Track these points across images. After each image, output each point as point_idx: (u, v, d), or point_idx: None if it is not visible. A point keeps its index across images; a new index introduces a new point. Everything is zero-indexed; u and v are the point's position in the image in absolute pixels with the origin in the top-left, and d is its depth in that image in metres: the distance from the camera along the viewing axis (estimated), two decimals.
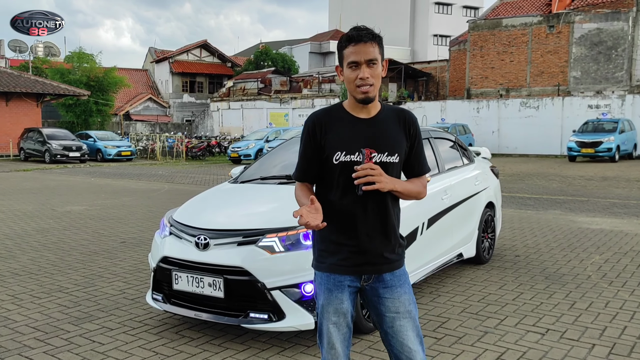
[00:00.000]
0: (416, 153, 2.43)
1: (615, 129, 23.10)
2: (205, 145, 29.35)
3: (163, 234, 4.39)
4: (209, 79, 51.96)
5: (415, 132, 2.41)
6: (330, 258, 2.38)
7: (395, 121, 2.38)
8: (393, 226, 2.40)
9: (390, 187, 2.26)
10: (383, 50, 2.34)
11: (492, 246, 6.58)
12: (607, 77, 30.25)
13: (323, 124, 2.38)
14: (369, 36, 2.28)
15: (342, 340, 2.42)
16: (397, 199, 2.42)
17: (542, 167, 21.25)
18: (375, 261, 2.37)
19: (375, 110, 2.38)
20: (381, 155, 2.31)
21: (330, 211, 2.34)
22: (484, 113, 30.28)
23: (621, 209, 10.65)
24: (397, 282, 2.40)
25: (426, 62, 44.40)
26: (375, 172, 2.21)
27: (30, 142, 26.62)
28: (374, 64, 2.28)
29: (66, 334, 4.26)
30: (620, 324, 4.44)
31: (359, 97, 2.30)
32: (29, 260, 6.60)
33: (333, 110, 2.41)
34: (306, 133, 2.41)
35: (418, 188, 2.43)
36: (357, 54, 2.27)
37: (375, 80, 2.29)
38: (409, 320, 2.39)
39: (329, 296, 2.39)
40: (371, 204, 2.33)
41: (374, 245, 2.36)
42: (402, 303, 2.39)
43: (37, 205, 11.41)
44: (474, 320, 4.54)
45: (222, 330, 4.31)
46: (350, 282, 2.39)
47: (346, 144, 2.31)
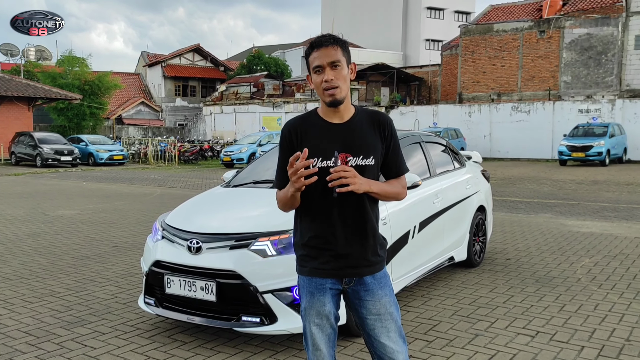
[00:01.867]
0: (393, 154, 2.44)
1: (606, 133, 23.30)
2: (198, 149, 29.32)
3: (155, 238, 4.40)
4: (201, 83, 51.91)
5: (391, 134, 2.42)
6: (312, 262, 2.42)
7: (370, 124, 2.40)
8: (372, 228, 2.41)
9: (365, 188, 2.27)
10: (348, 55, 2.38)
11: (483, 249, 6.63)
12: (597, 81, 30.50)
13: (298, 132, 2.41)
14: (331, 40, 2.34)
15: (326, 341, 2.45)
16: (375, 200, 2.43)
17: (533, 171, 21.38)
18: (355, 264, 2.39)
19: (348, 114, 2.41)
20: (356, 159, 2.34)
21: (310, 217, 2.40)
22: (476, 117, 30.45)
23: (611, 213, 10.74)
24: (378, 285, 2.42)
25: (418, 67, 44.58)
26: (349, 173, 2.22)
27: (22, 146, 26.48)
28: (337, 65, 2.31)
29: (58, 339, 4.25)
30: (609, 326, 4.48)
31: (327, 100, 2.33)
32: (20, 265, 6.58)
33: (308, 118, 2.45)
34: (283, 142, 2.44)
35: (396, 189, 2.44)
36: (320, 57, 2.32)
37: (340, 82, 2.31)
38: (390, 322, 2.41)
39: (311, 299, 2.43)
40: (349, 207, 2.36)
41: (354, 248, 2.38)
42: (383, 305, 2.41)
43: (28, 209, 11.36)
44: (464, 323, 4.57)
45: (214, 334, 4.32)
46: (331, 285, 2.42)
47: (321, 150, 2.34)
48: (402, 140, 5.39)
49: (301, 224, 2.46)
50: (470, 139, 29.38)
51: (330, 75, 2.30)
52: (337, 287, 2.43)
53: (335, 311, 2.46)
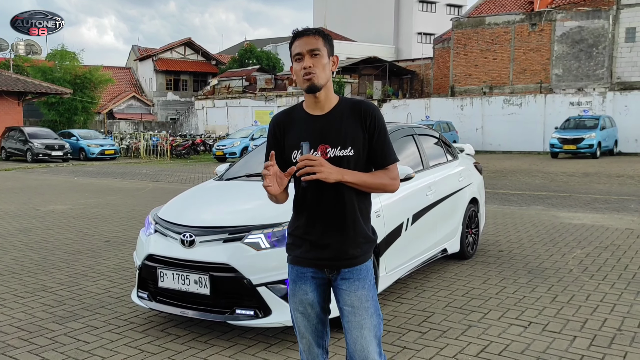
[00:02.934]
0: (377, 144, 2.38)
1: (597, 126, 23.42)
2: (190, 143, 29.21)
3: (148, 232, 4.38)
4: (193, 77, 51.63)
5: (374, 124, 2.37)
6: (296, 250, 2.45)
7: (351, 114, 2.38)
8: (353, 220, 2.37)
9: (335, 177, 2.23)
10: (330, 47, 2.39)
11: (475, 241, 6.65)
12: (588, 74, 30.63)
13: (282, 125, 2.45)
14: (313, 30, 2.37)
15: (312, 330, 2.47)
16: (361, 192, 2.38)
17: (525, 164, 21.47)
18: (334, 256, 2.38)
19: (330, 105, 2.40)
20: (334, 150, 2.33)
21: (296, 207, 2.45)
22: (468, 110, 30.51)
23: (602, 204, 10.81)
24: (356, 276, 2.39)
25: (410, 60, 44.59)
26: (315, 162, 2.19)
27: (12, 141, 26.29)
28: (317, 54, 2.32)
29: (50, 333, 4.24)
30: (601, 316, 4.52)
31: (305, 85, 2.33)
32: (11, 260, 6.54)
33: (292, 111, 2.47)
34: (268, 136, 2.50)
35: (381, 180, 2.36)
36: (300, 45, 2.34)
37: (318, 70, 2.32)
38: (365, 318, 2.36)
39: (294, 287, 2.46)
40: (326, 197, 2.34)
41: (332, 239, 2.37)
42: (358, 298, 2.37)
43: (19, 204, 11.28)
44: (458, 314, 4.59)
45: (208, 327, 4.32)
46: (313, 274, 2.42)
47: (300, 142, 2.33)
48: (395, 132, 5.40)
49: (293, 213, 2.50)
50: (462, 132, 29.43)
51: (309, 62, 2.31)
52: (321, 277, 2.42)
53: (322, 301, 2.45)
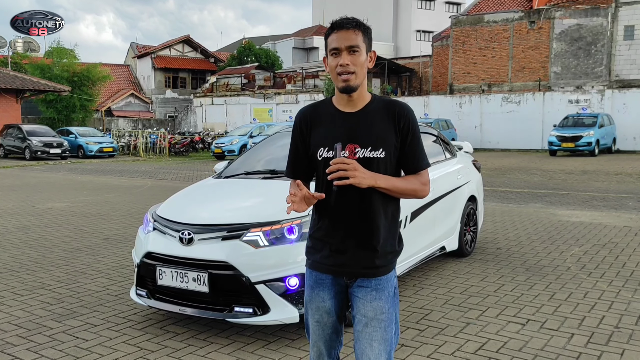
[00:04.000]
0: (410, 148, 2.26)
1: (595, 124, 23.43)
2: (189, 141, 29.20)
3: (147, 230, 4.38)
4: (192, 74, 51.59)
5: (408, 126, 2.25)
6: (315, 255, 2.33)
7: (384, 114, 2.25)
8: (379, 228, 2.23)
9: (369, 182, 2.12)
10: (370, 41, 2.25)
11: (474, 239, 6.66)
12: (586, 72, 30.64)
13: (309, 120, 2.33)
14: (353, 23, 2.20)
15: (325, 340, 2.36)
16: (391, 198, 2.25)
17: (523, 162, 21.49)
18: (353, 263, 2.26)
19: (362, 103, 2.27)
20: (364, 150, 2.20)
21: (319, 208, 2.31)
22: (467, 108, 30.51)
23: (600, 202, 10.82)
24: (374, 286, 2.26)
25: (409, 58, 44.57)
26: (349, 166, 2.08)
27: (10, 138, 26.26)
28: (356, 51, 2.18)
29: (49, 331, 4.24)
30: (599, 313, 4.53)
31: (340, 85, 2.21)
32: (10, 258, 6.54)
33: (321, 106, 2.35)
34: (294, 130, 2.37)
35: (413, 185, 2.25)
36: (338, 40, 2.19)
37: (357, 69, 2.18)
38: (376, 330, 2.24)
39: (311, 293, 2.35)
40: (353, 201, 2.21)
41: (354, 246, 2.24)
42: (373, 309, 2.24)
43: (17, 202, 11.27)
44: (456, 312, 4.60)
45: (207, 325, 4.32)
46: (332, 281, 2.31)
47: (328, 140, 2.23)
48: None
49: (313, 214, 2.37)
50: (461, 130, 29.43)
51: (347, 60, 2.17)
52: (340, 283, 2.30)
53: (339, 310, 2.33)
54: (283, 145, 5.58)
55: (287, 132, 5.93)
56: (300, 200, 2.13)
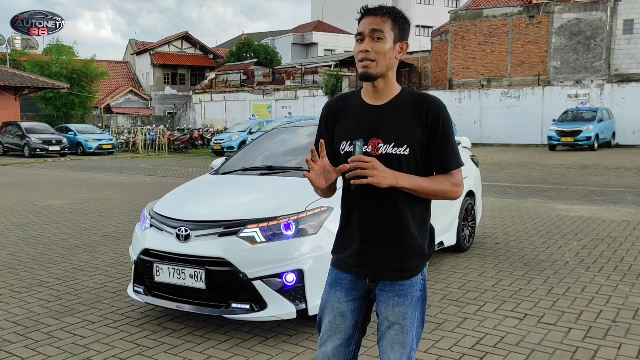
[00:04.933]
0: (440, 146, 2.11)
1: (594, 118, 23.43)
2: (188, 137, 29.18)
3: (144, 226, 4.37)
4: (190, 70, 51.51)
5: (438, 123, 2.10)
6: (340, 253, 2.24)
7: (411, 108, 2.11)
8: (403, 230, 2.11)
9: (390, 182, 1.99)
10: (401, 31, 2.11)
11: (472, 234, 6.66)
12: (586, 66, 30.59)
13: (335, 111, 2.23)
14: (383, 10, 2.08)
15: (335, 344, 2.22)
16: (418, 198, 2.12)
17: (522, 156, 21.48)
18: (376, 265, 2.15)
19: (389, 95, 2.14)
20: (387, 146, 2.08)
21: (344, 204, 2.22)
22: (466, 103, 30.48)
23: (599, 197, 10.82)
24: (397, 291, 2.16)
25: (408, 53, 44.36)
26: (368, 164, 1.96)
27: (9, 136, 26.25)
28: (380, 38, 2.05)
29: (47, 328, 4.24)
30: (596, 308, 4.53)
31: (360, 71, 2.08)
32: (8, 255, 6.54)
33: (349, 97, 2.24)
34: (320, 121, 2.28)
35: (442, 186, 2.11)
36: (363, 25, 2.08)
37: (378, 57, 2.05)
38: (398, 334, 2.16)
39: (328, 291, 2.25)
40: (375, 201, 2.10)
41: (377, 247, 2.14)
42: (395, 314, 2.16)
43: (16, 199, 11.27)
44: (454, 307, 4.60)
45: (204, 321, 4.32)
46: (352, 283, 2.20)
47: (351, 133, 2.13)
48: None
49: (341, 210, 2.26)
50: (460, 125, 29.38)
51: (368, 46, 2.05)
52: (361, 287, 2.20)
53: (356, 316, 2.22)
54: (280, 141, 5.58)
55: (285, 128, 5.93)
56: (320, 170, 2.04)
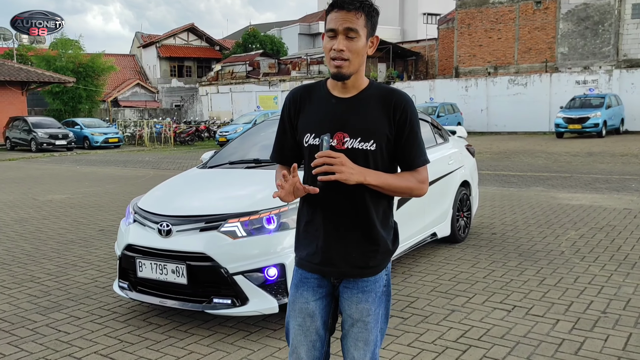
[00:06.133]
0: (407, 143, 2.06)
1: (602, 105, 23.12)
2: (194, 130, 29.20)
3: (128, 222, 4.36)
4: (197, 63, 51.48)
5: (406, 119, 2.05)
6: (302, 251, 2.18)
7: (379, 103, 2.06)
8: (368, 227, 2.08)
9: (357, 179, 1.94)
10: (373, 25, 2.04)
11: (467, 225, 6.59)
12: (594, 52, 30.18)
13: (299, 101, 2.15)
14: (356, 4, 1.97)
15: (308, 347, 2.16)
16: (384, 195, 2.08)
17: (529, 144, 21.28)
18: (340, 263, 2.10)
19: (357, 88, 2.08)
20: (353, 141, 2.03)
21: (308, 201, 2.13)
22: (473, 91, 30.23)
23: (603, 184, 10.69)
24: (361, 287, 2.13)
25: (415, 42, 44.12)
26: (336, 160, 1.90)
27: (16, 131, 26.38)
28: (353, 36, 1.98)
29: (32, 324, 4.24)
30: (587, 298, 4.46)
31: (332, 71, 2.02)
32: (3, 251, 6.56)
33: (313, 88, 2.16)
34: (282, 111, 2.21)
35: (408, 183, 2.07)
36: (336, 20, 1.98)
37: (352, 56, 1.99)
38: (362, 331, 2.14)
39: (295, 293, 2.18)
40: (340, 197, 2.04)
41: (341, 245, 2.09)
42: (359, 311, 2.13)
43: (18, 194, 11.33)
44: (442, 299, 4.55)
45: (190, 316, 4.30)
46: (319, 282, 2.15)
47: (315, 125, 2.07)
48: None
49: (300, 206, 2.19)
50: (467, 114, 29.19)
51: (342, 45, 1.97)
52: (327, 285, 2.16)
53: (324, 315, 2.16)
54: (269, 133, 5.52)
55: (274, 120, 5.87)
56: (290, 188, 1.98)
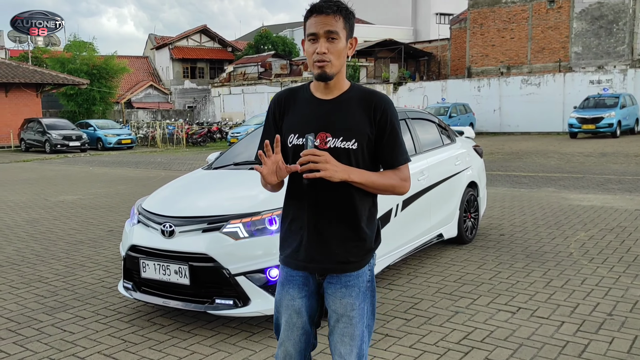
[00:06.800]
0: (388, 142, 2.16)
1: (617, 104, 22.85)
2: (206, 131, 29.33)
3: (132, 223, 4.39)
4: (209, 64, 51.73)
5: (386, 120, 2.14)
6: (287, 249, 2.24)
7: (360, 104, 2.15)
8: (352, 223, 2.15)
9: (341, 176, 2.02)
10: (351, 27, 2.14)
11: (475, 226, 6.55)
12: (608, 51, 29.86)
13: (283, 104, 2.24)
14: (334, 8, 2.07)
15: (294, 341, 2.24)
16: (367, 193, 2.15)
17: (542, 145, 21.10)
18: (324, 259, 2.16)
19: (339, 90, 2.18)
20: (335, 140, 2.11)
21: (291, 199, 2.22)
22: (485, 92, 30.03)
23: (615, 185, 10.57)
24: (344, 282, 2.18)
25: (427, 42, 43.97)
26: (321, 158, 1.98)
27: (31, 132, 26.68)
28: (334, 38, 2.07)
29: (38, 324, 4.28)
30: (594, 300, 4.41)
31: (315, 72, 2.11)
32: (14, 251, 6.64)
33: (298, 90, 2.26)
34: (267, 114, 2.30)
35: (391, 181, 2.15)
36: (316, 25, 2.08)
37: (334, 57, 2.08)
38: (347, 326, 2.18)
39: (281, 290, 2.25)
40: (325, 194, 2.11)
41: (325, 242, 2.15)
42: (343, 306, 2.17)
43: (31, 195, 11.45)
44: (446, 301, 4.53)
45: (193, 317, 4.32)
46: (304, 279, 2.21)
47: (299, 126, 2.15)
48: None
49: (285, 205, 2.26)
50: (479, 114, 29.01)
51: (324, 48, 2.06)
52: (313, 282, 2.21)
53: (310, 311, 2.23)
54: None
55: None
56: (272, 166, 2.02)
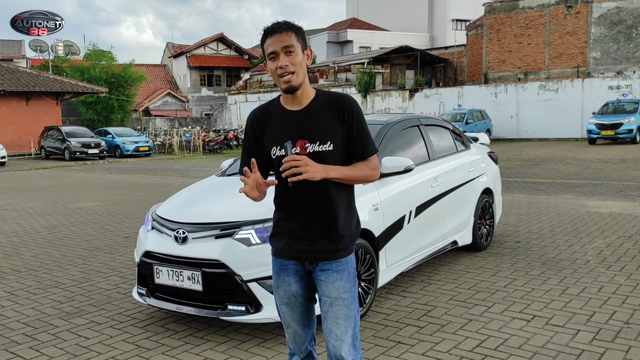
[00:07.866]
0: (357, 137, 2.40)
1: (636, 110, 22.59)
2: (223, 138, 29.53)
3: (146, 229, 4.43)
4: (226, 72, 52.13)
5: (353, 118, 2.38)
6: (278, 243, 2.49)
7: (329, 108, 2.38)
8: (336, 215, 2.40)
9: (321, 175, 2.27)
10: (303, 41, 2.37)
11: (490, 233, 6.49)
12: (627, 56, 29.49)
13: (260, 121, 2.46)
14: (284, 26, 2.32)
15: (297, 319, 2.51)
16: (345, 185, 2.42)
17: (560, 151, 20.89)
18: (313, 249, 2.41)
19: (307, 100, 2.40)
20: (314, 145, 2.35)
21: (278, 200, 2.48)
22: (502, 98, 29.84)
23: (635, 192, 10.42)
24: (335, 267, 2.41)
25: (444, 48, 43.80)
26: (301, 162, 2.21)
27: (51, 140, 27.08)
28: (292, 52, 2.30)
29: (54, 329, 4.33)
30: (610, 309, 4.35)
31: (283, 87, 2.34)
32: (32, 257, 6.73)
33: (270, 106, 2.48)
34: (246, 131, 2.51)
35: (363, 172, 2.41)
36: (274, 44, 2.31)
37: (296, 68, 2.31)
38: (340, 308, 2.40)
39: (277, 279, 2.51)
40: (309, 192, 2.36)
41: (313, 233, 2.40)
42: (336, 289, 2.40)
43: (49, 202, 11.61)
44: (460, 308, 4.49)
45: (206, 322, 4.34)
46: (296, 266, 2.46)
47: (279, 138, 2.37)
48: (399, 124, 5.31)
49: (276, 206, 2.52)
50: (496, 120, 28.83)
51: (285, 61, 2.30)
52: (303, 269, 2.46)
53: (305, 292, 2.49)
54: None
55: None
56: (253, 183, 2.28)
